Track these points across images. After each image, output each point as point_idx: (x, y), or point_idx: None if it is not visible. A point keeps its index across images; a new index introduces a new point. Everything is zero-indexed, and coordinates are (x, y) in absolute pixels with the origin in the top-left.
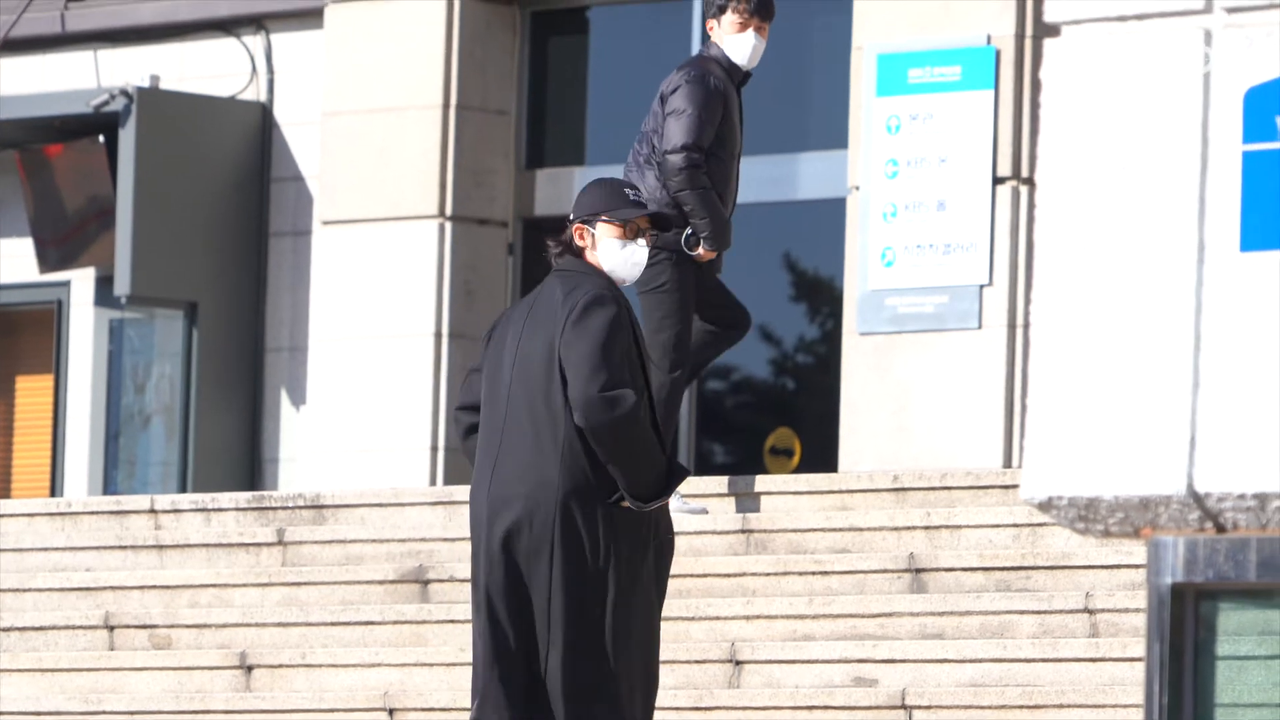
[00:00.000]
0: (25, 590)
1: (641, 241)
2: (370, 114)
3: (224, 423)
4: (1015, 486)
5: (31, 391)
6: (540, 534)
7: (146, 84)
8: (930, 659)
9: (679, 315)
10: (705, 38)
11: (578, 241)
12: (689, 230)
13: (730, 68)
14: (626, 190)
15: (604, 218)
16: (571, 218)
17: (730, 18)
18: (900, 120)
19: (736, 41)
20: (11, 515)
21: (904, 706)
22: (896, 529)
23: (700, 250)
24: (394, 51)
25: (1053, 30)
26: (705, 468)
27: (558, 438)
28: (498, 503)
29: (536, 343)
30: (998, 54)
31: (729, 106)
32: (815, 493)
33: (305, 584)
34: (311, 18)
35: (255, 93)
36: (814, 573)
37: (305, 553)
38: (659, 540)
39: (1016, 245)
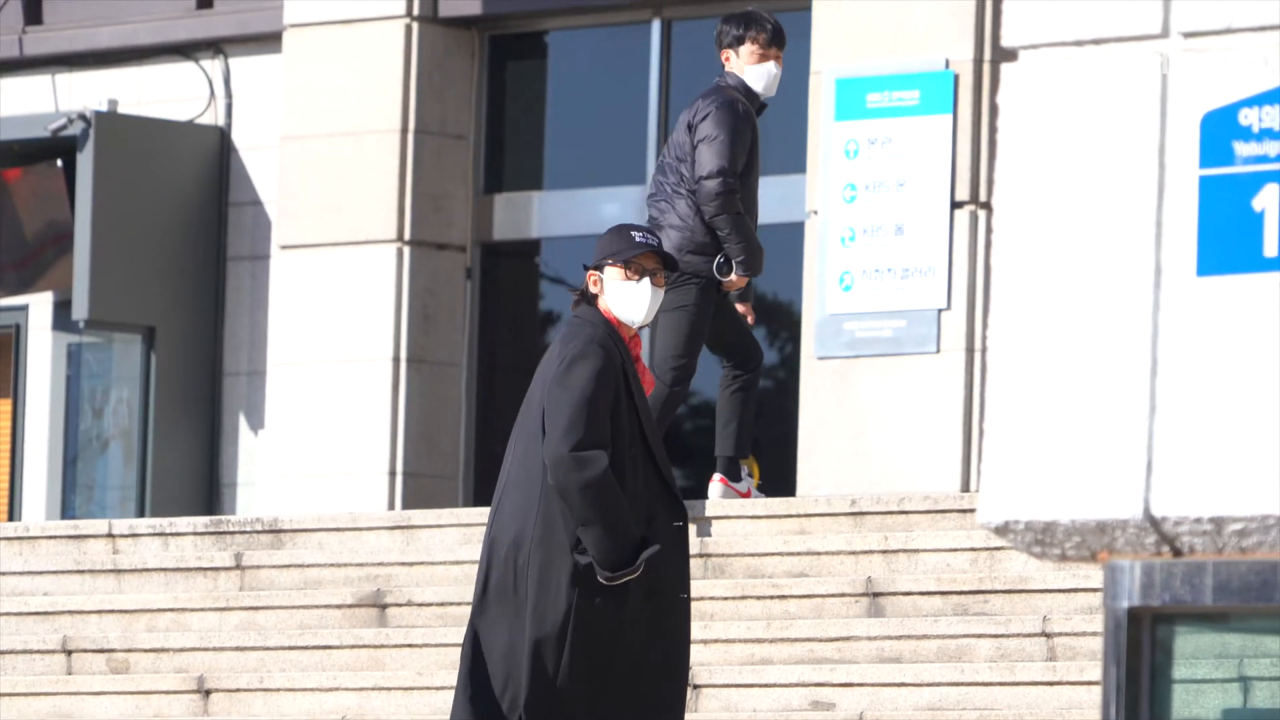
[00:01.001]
0: None
1: (647, 281)
2: (329, 138)
3: (182, 447)
4: (973, 510)
5: None
6: (514, 579)
7: (105, 108)
8: (888, 682)
9: (693, 340)
10: (720, 68)
11: (591, 289)
12: (721, 257)
13: (749, 95)
14: (633, 232)
15: (609, 261)
16: (585, 266)
17: (749, 49)
18: (858, 144)
19: (756, 72)
20: None
21: None
22: (854, 553)
23: (733, 276)
24: (352, 76)
25: (1010, 55)
26: None
27: (542, 487)
28: (491, 543)
29: (535, 391)
30: (956, 78)
31: (755, 133)
32: (773, 517)
33: (263, 608)
34: (270, 42)
35: (213, 117)
36: (772, 597)
37: (263, 577)
38: (658, 597)
39: (975, 270)
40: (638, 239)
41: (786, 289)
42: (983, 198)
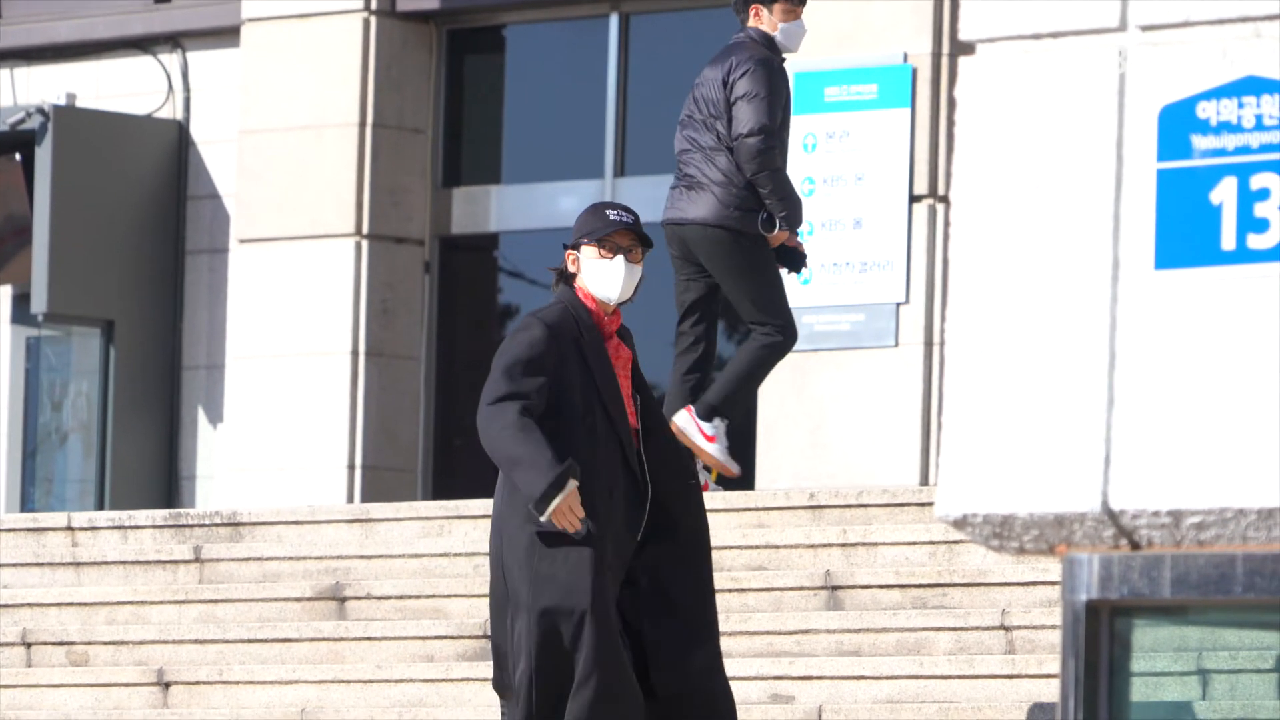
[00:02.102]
0: None
1: (621, 259)
2: (287, 132)
3: (141, 440)
4: (931, 504)
5: None
6: (497, 565)
7: (63, 102)
8: (847, 676)
9: (771, 296)
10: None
11: (570, 268)
12: (763, 214)
13: (772, 49)
14: (608, 211)
15: (585, 240)
16: (564, 245)
17: (782, 6)
18: (817, 138)
19: (789, 29)
20: None
21: None
22: (813, 546)
23: (775, 232)
24: (310, 70)
25: (968, 49)
26: None
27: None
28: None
29: None
30: (914, 72)
31: (788, 89)
32: (732, 510)
33: (222, 601)
34: (228, 36)
35: (172, 111)
36: (730, 590)
37: (222, 570)
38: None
39: (933, 263)
40: (612, 217)
41: None
42: (941, 191)
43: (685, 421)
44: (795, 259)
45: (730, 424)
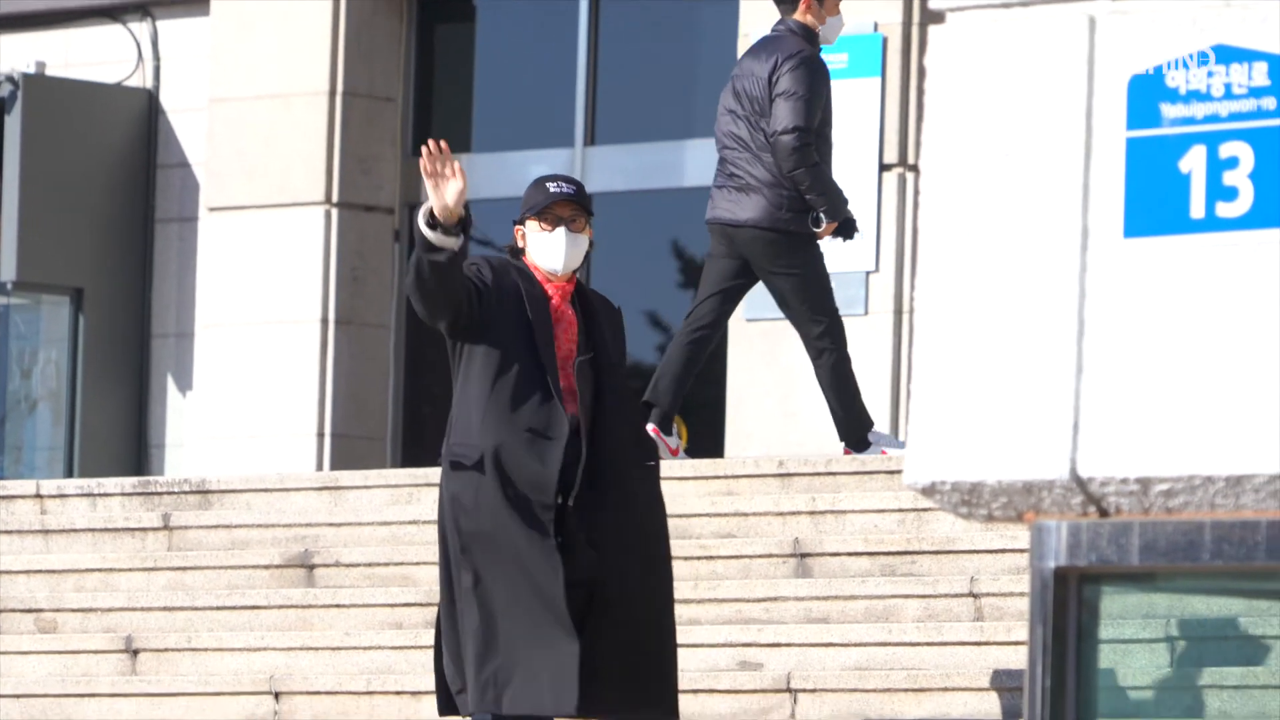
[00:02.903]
0: None
1: (562, 230)
2: (256, 101)
3: (110, 408)
4: (900, 472)
5: None
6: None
7: (33, 70)
8: (815, 643)
9: (820, 298)
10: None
11: (519, 244)
12: (814, 213)
13: (811, 41)
14: (548, 184)
15: (529, 215)
16: (514, 221)
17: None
18: None
19: (834, 23)
20: None
21: (789, 690)
22: (782, 514)
23: (822, 227)
24: (280, 38)
25: (938, 17)
26: None
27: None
28: None
29: None
30: (884, 41)
31: (829, 85)
32: (701, 478)
33: (191, 568)
34: (198, 4)
35: (141, 79)
36: (700, 557)
37: (191, 537)
38: (514, 495)
39: (903, 232)
40: (551, 189)
41: None
42: (911, 160)
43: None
44: (847, 228)
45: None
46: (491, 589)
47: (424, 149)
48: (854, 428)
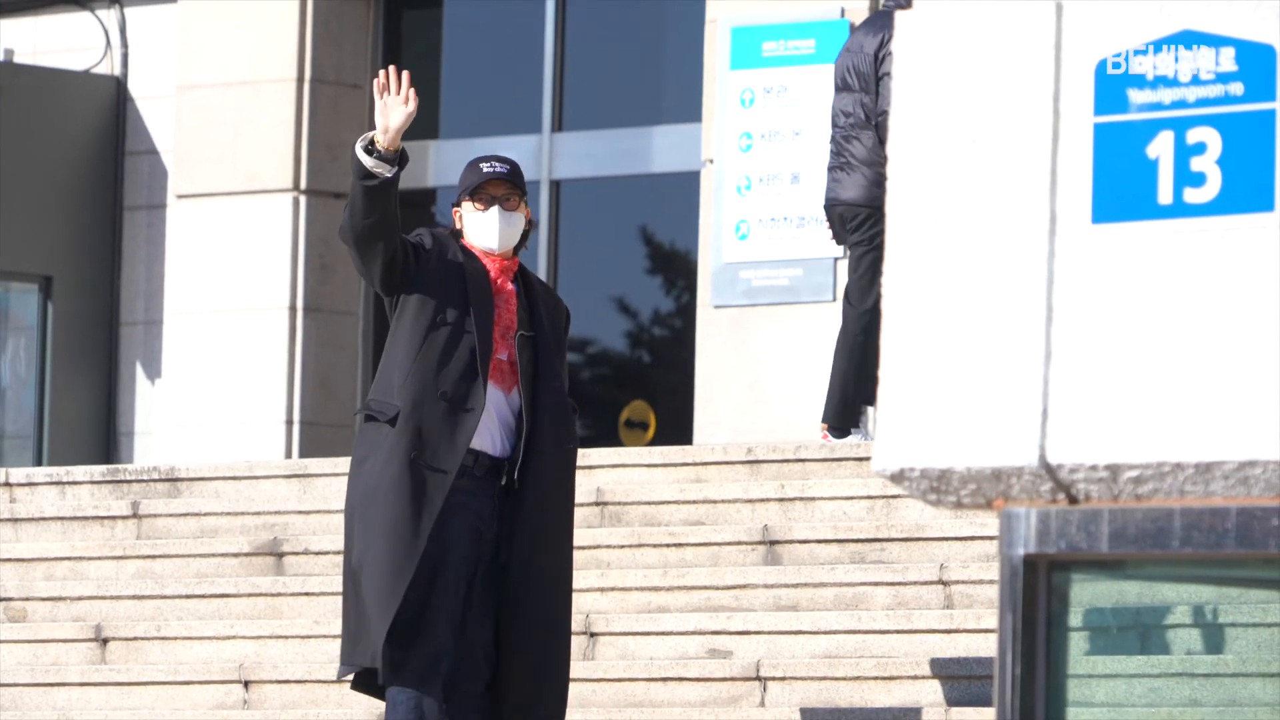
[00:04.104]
0: None
1: (495, 209)
2: (225, 88)
3: (79, 396)
4: (869, 459)
5: None
6: None
7: (0, 58)
8: (785, 630)
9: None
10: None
11: (457, 225)
12: None
13: None
14: (481, 164)
15: (464, 196)
16: (452, 204)
17: None
18: (754, 93)
19: None
20: None
21: (759, 678)
22: (750, 501)
23: None
24: (248, 25)
25: (905, 3)
26: None
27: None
28: None
29: None
30: (852, 26)
31: None
32: (670, 465)
33: (160, 557)
34: None
35: (109, 67)
36: (668, 545)
37: (160, 525)
38: (419, 464)
39: None
40: (484, 169)
41: (683, 238)
42: None
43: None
44: None
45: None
46: (361, 555)
47: (382, 72)
48: (846, 414)
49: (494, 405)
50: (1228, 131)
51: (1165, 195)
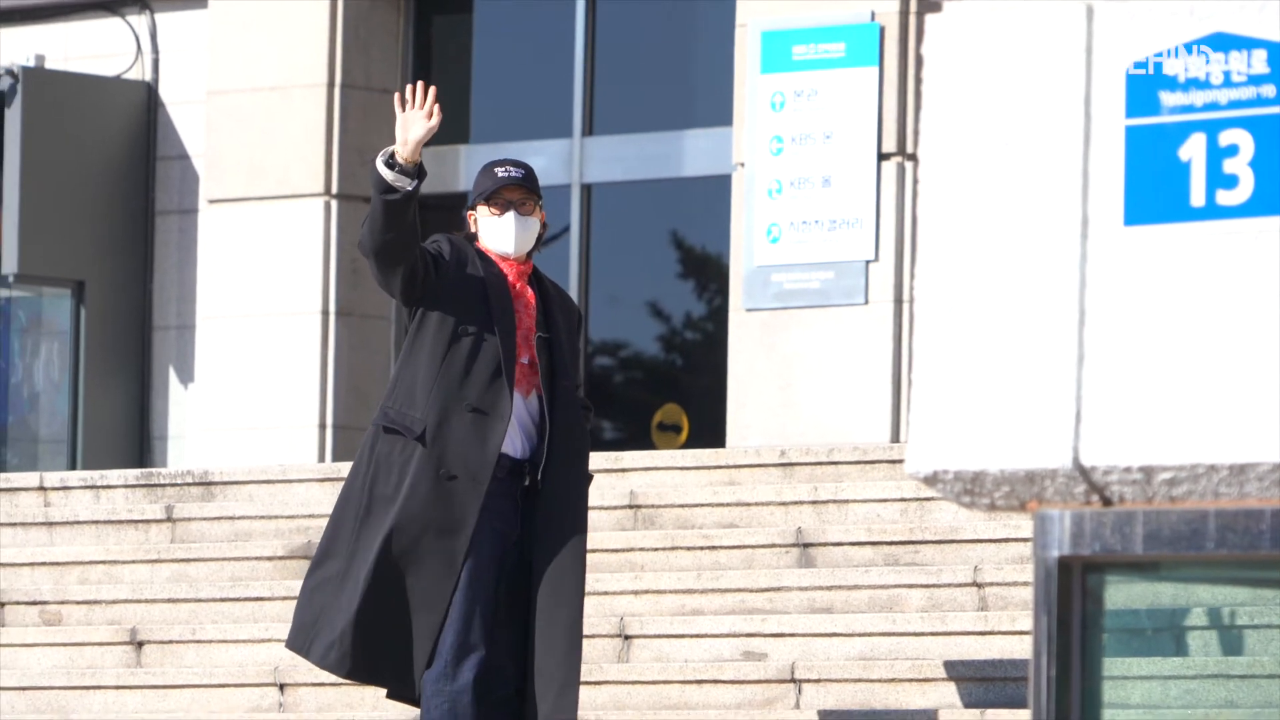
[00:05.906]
0: None
1: (510, 214)
2: (255, 93)
3: (112, 400)
4: (902, 461)
5: None
6: None
7: (32, 64)
8: (819, 633)
9: None
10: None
11: (471, 229)
12: None
13: None
14: (496, 169)
15: (479, 201)
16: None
17: None
18: (785, 97)
19: None
20: None
21: (793, 680)
22: (784, 504)
23: None
24: (278, 30)
25: (935, 6)
26: (593, 443)
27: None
28: None
29: None
30: (882, 30)
31: None
32: (703, 468)
33: (194, 560)
34: None
35: (140, 72)
36: (702, 548)
37: (194, 529)
38: (446, 476)
39: (902, 221)
40: (499, 174)
41: (714, 241)
42: (909, 149)
43: None
44: None
45: None
46: (378, 560)
47: (409, 87)
48: None
49: (515, 409)
50: (1260, 134)
51: (1197, 198)
